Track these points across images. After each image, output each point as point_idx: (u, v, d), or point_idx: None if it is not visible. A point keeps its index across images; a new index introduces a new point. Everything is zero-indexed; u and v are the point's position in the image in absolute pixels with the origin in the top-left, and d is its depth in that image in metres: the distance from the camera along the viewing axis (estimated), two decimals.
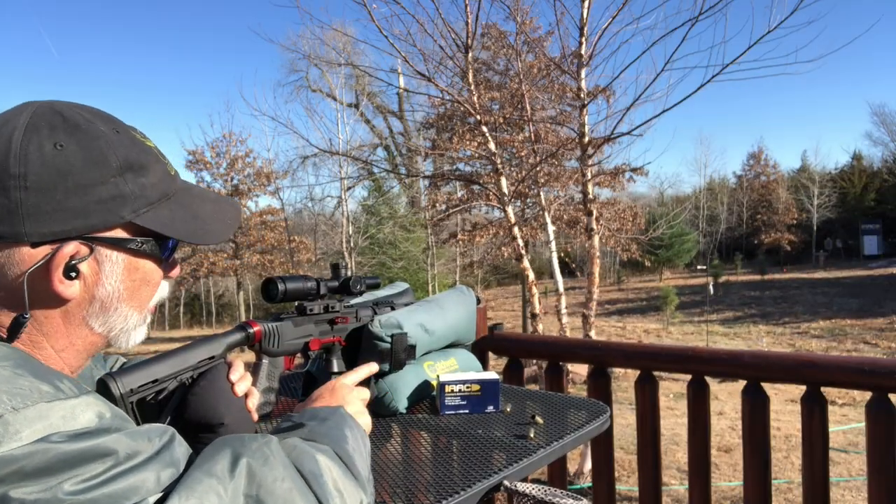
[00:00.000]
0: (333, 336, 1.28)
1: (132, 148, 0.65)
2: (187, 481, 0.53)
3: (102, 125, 0.63)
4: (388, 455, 1.22)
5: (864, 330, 17.00)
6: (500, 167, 8.48)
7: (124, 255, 0.64)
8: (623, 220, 12.61)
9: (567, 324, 7.94)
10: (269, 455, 0.59)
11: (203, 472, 0.54)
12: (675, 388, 11.20)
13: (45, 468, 0.46)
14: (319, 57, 15.40)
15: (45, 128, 0.59)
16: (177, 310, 37.40)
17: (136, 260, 0.66)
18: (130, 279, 0.66)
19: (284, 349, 1.14)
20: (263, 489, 0.56)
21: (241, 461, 0.57)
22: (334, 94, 19.25)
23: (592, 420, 1.36)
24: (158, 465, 0.53)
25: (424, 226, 20.32)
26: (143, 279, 0.67)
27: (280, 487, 0.57)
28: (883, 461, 1.65)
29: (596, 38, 7.30)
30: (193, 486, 0.53)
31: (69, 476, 0.47)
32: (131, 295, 0.66)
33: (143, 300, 0.69)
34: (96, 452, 0.49)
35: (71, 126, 0.60)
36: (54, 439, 0.47)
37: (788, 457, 7.43)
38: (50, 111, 0.60)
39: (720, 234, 39.22)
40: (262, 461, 0.58)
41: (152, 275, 0.69)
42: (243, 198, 23.27)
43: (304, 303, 1.21)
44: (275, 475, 0.58)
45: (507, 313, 25.22)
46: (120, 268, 0.64)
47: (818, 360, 1.77)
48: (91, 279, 0.62)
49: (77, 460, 0.48)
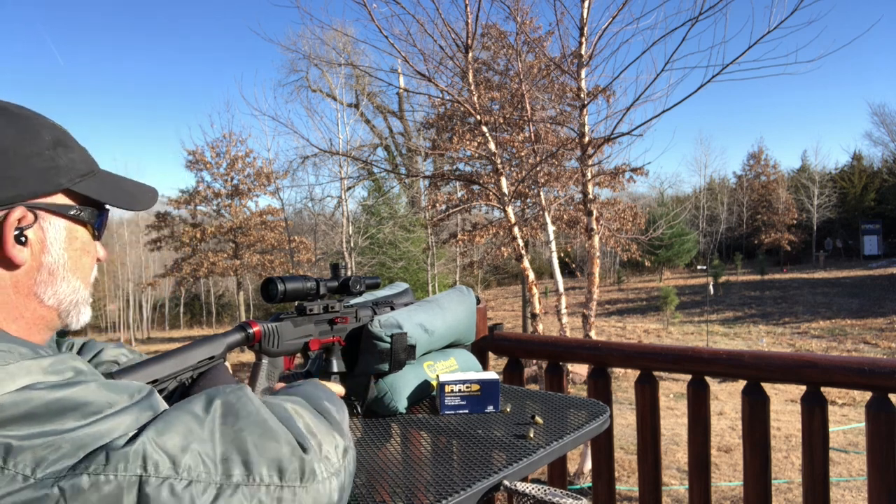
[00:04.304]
0: (333, 336, 1.28)
1: (57, 128, 0.72)
2: (164, 417, 0.56)
3: (27, 111, 0.70)
4: (387, 455, 1.22)
5: (864, 330, 17.00)
6: (500, 167, 8.47)
7: (65, 221, 0.71)
8: (623, 220, 12.60)
9: (567, 324, 7.94)
10: (243, 395, 0.63)
11: (179, 410, 0.58)
12: (675, 388, 11.20)
13: (31, 413, 0.50)
14: (319, 57, 15.42)
15: None
16: (177, 310, 37.41)
17: (75, 227, 0.72)
18: (72, 248, 0.72)
19: (284, 349, 1.14)
20: (241, 421, 0.59)
21: (216, 401, 0.60)
22: (334, 94, 19.24)
23: (592, 420, 1.36)
24: (137, 410, 0.56)
25: (424, 226, 20.31)
26: (83, 248, 0.74)
27: (256, 418, 0.61)
28: (883, 461, 1.65)
29: (596, 38, 7.30)
30: (169, 420, 0.56)
31: (53, 420, 0.51)
32: (75, 264, 0.72)
33: (86, 271, 0.75)
34: (77, 400, 0.52)
35: (1, 109, 0.67)
36: (38, 387, 0.52)
37: (788, 457, 7.44)
38: None
39: (720, 234, 39.21)
40: (236, 399, 0.61)
41: (89, 245, 0.75)
42: (243, 198, 23.27)
43: (303, 303, 1.20)
44: (248, 409, 0.61)
45: (507, 313, 25.22)
46: (62, 235, 0.70)
47: (818, 360, 1.77)
48: (37, 247, 0.68)
49: (60, 406, 0.51)
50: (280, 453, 0.60)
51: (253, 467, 0.57)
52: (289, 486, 0.59)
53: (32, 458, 0.48)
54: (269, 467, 0.58)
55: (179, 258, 23.41)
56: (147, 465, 0.51)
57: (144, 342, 29.67)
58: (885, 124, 36.77)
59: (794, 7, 5.54)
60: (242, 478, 0.56)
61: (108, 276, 32.77)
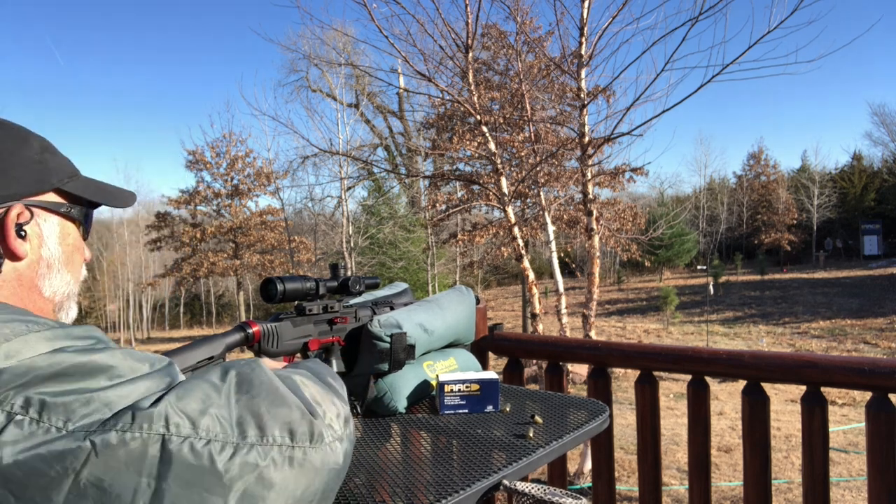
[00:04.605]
0: (332, 336, 1.28)
1: (41, 138, 0.80)
2: (184, 384, 0.61)
3: (14, 124, 0.77)
4: (387, 455, 1.22)
5: (864, 330, 17.00)
6: (500, 167, 8.47)
7: (58, 218, 0.78)
8: (623, 220, 12.60)
9: (567, 324, 7.94)
10: (256, 367, 0.68)
11: (197, 379, 0.63)
12: (675, 388, 11.20)
13: (62, 373, 0.55)
14: (319, 57, 15.43)
15: None
16: (177, 310, 37.41)
17: (67, 224, 0.80)
18: (66, 243, 0.79)
19: (283, 349, 1.14)
20: (254, 388, 0.64)
21: (231, 371, 0.66)
22: (334, 94, 19.25)
23: (592, 419, 1.35)
24: (157, 377, 0.61)
25: (424, 226, 20.31)
26: (75, 245, 0.81)
27: (269, 386, 0.66)
28: (883, 461, 1.65)
29: (596, 38, 7.30)
30: (189, 387, 0.61)
31: (82, 380, 0.56)
32: (68, 259, 0.80)
33: (77, 267, 0.82)
34: (104, 364, 0.58)
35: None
36: (68, 350, 0.57)
37: (788, 457, 7.44)
38: None
39: (720, 234, 39.22)
40: (250, 370, 0.67)
41: (79, 241, 0.83)
42: (243, 198, 23.28)
43: (303, 303, 1.20)
44: (261, 379, 0.66)
45: (507, 313, 25.22)
46: (56, 230, 0.78)
47: (818, 360, 1.77)
48: (35, 241, 0.75)
49: (88, 368, 0.57)
50: (291, 417, 0.64)
51: (266, 429, 0.61)
52: (299, 446, 0.63)
53: (64, 412, 0.53)
54: (281, 429, 0.62)
55: (179, 258, 23.42)
56: (169, 426, 0.56)
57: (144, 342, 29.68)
58: (885, 124, 36.81)
59: (794, 7, 5.54)
60: (256, 438, 0.60)
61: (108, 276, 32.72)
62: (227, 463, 0.58)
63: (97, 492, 0.52)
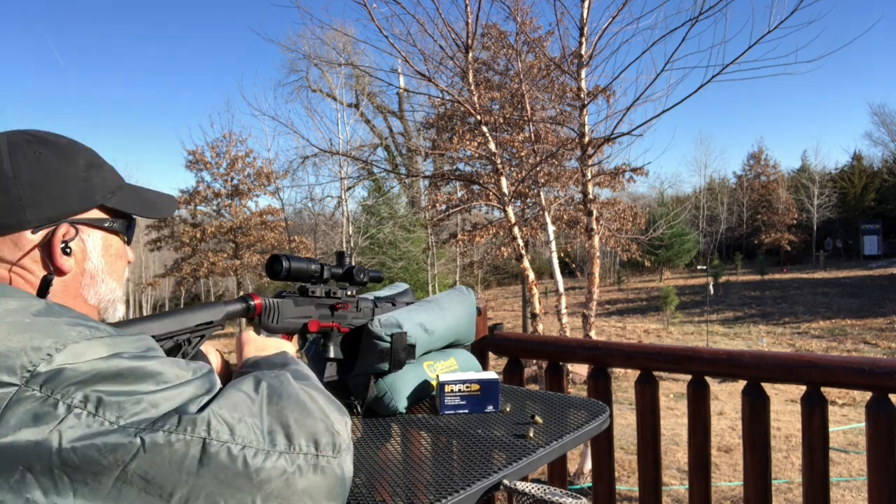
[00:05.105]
0: (333, 322, 1.28)
1: (89, 151, 0.84)
2: (224, 393, 0.68)
3: (62, 139, 0.82)
4: (387, 454, 1.22)
5: (864, 330, 16.99)
6: (500, 167, 8.47)
7: (100, 233, 0.83)
8: (623, 220, 12.59)
9: (567, 324, 7.94)
10: (285, 380, 0.75)
11: (234, 389, 0.70)
12: (675, 388, 11.20)
13: (118, 375, 0.62)
14: (319, 57, 15.43)
15: (23, 143, 0.77)
16: None
17: (109, 237, 0.85)
18: (108, 254, 0.85)
19: (283, 326, 1.14)
20: (283, 400, 0.71)
21: (263, 383, 0.72)
22: (334, 94, 19.25)
23: (592, 420, 1.36)
24: (199, 383, 0.68)
25: (424, 226, 20.30)
26: (117, 254, 0.87)
27: (296, 399, 0.72)
28: (883, 461, 1.65)
29: (596, 38, 7.30)
30: (228, 396, 0.68)
31: (135, 382, 0.62)
32: (111, 268, 0.85)
33: (120, 274, 0.88)
34: (153, 370, 0.64)
35: (41, 140, 0.79)
36: (124, 356, 0.64)
37: (788, 457, 7.43)
38: (20, 133, 0.79)
39: (720, 234, 39.20)
40: (279, 384, 0.73)
41: (122, 251, 0.88)
42: (243, 198, 23.25)
43: (306, 285, 1.21)
44: (290, 392, 0.73)
45: (507, 313, 25.21)
46: (99, 244, 0.83)
47: (818, 360, 1.77)
48: (80, 255, 0.81)
49: (140, 373, 0.63)
50: (316, 429, 0.71)
51: (293, 438, 0.68)
52: (323, 455, 0.70)
53: (117, 409, 0.60)
54: (307, 439, 0.69)
55: (179, 258, 23.39)
56: (210, 430, 0.62)
57: None
58: (885, 124, 36.79)
59: (794, 7, 5.54)
60: (285, 447, 0.67)
61: None
62: (258, 467, 0.64)
63: (142, 482, 0.59)
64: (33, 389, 0.58)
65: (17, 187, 0.75)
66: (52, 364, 0.60)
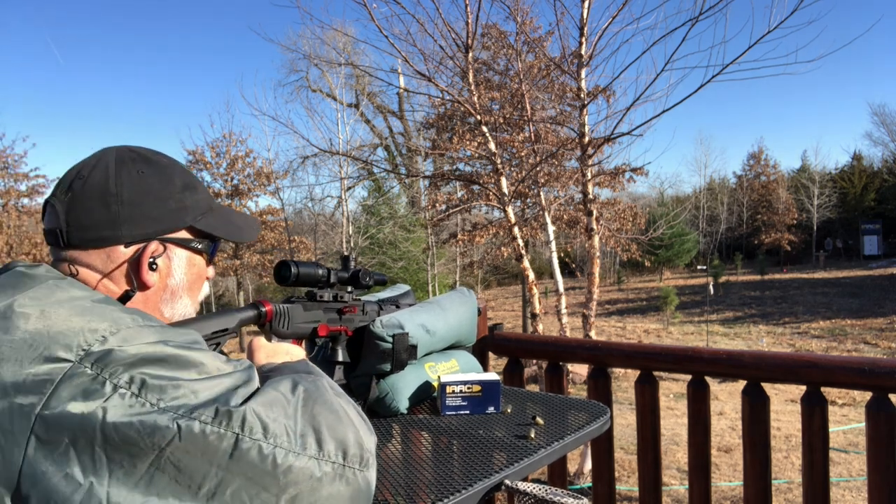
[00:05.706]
0: (341, 325, 1.29)
1: (185, 173, 0.89)
2: (263, 392, 0.70)
3: (164, 158, 0.87)
4: (389, 455, 1.22)
5: (864, 330, 16.99)
6: (500, 167, 8.47)
7: (186, 252, 0.88)
8: (623, 220, 12.58)
9: (567, 324, 7.94)
10: (321, 385, 0.77)
11: (272, 388, 0.71)
12: (675, 388, 11.21)
13: (162, 360, 0.65)
14: (319, 57, 15.42)
15: (129, 161, 0.82)
16: None
17: (194, 257, 0.89)
18: (191, 273, 0.89)
19: (293, 331, 1.15)
20: (317, 406, 0.73)
21: (300, 386, 0.74)
22: (334, 94, 19.24)
23: (593, 421, 1.36)
24: (238, 376, 0.70)
25: (424, 226, 20.28)
26: (199, 273, 0.91)
27: (331, 406, 0.74)
28: (883, 461, 1.65)
29: (596, 38, 7.31)
30: (267, 394, 0.69)
31: (178, 369, 0.65)
32: (191, 286, 0.89)
33: (197, 292, 0.92)
34: (196, 360, 0.67)
35: (145, 159, 0.84)
36: (170, 344, 0.67)
37: (788, 457, 7.44)
38: (127, 150, 0.84)
39: (720, 234, 39.18)
40: (314, 388, 0.75)
41: (203, 270, 0.92)
42: (243, 198, 23.24)
43: (314, 289, 1.22)
44: (325, 398, 0.75)
45: (507, 313, 25.21)
46: (184, 263, 0.87)
47: (818, 360, 1.77)
48: (164, 271, 0.85)
49: (184, 361, 0.66)
50: (346, 437, 0.72)
51: (324, 444, 0.70)
52: (349, 466, 0.71)
53: (159, 392, 0.62)
54: (337, 447, 0.71)
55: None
56: (245, 427, 0.64)
57: None
58: (885, 124, 36.76)
59: (794, 7, 5.54)
60: (315, 451, 0.69)
61: None
62: (286, 468, 0.66)
63: (174, 470, 0.61)
64: (85, 367, 0.62)
65: (119, 204, 0.79)
66: (105, 345, 0.64)
